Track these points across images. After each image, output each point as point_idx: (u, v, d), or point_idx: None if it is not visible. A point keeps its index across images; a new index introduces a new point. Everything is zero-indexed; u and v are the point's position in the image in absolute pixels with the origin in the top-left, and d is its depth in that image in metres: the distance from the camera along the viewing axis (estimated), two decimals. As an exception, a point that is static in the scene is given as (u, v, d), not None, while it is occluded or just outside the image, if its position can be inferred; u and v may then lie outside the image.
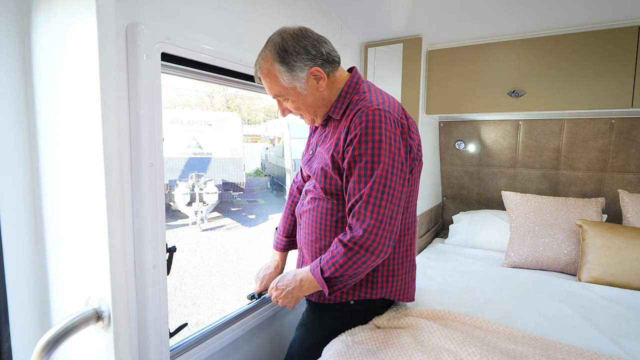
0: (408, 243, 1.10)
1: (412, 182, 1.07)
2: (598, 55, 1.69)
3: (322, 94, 1.02)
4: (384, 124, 0.92)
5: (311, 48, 0.97)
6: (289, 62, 0.96)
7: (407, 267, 1.11)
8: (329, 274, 0.95)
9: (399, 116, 0.98)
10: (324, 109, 1.06)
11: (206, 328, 1.28)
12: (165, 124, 8.59)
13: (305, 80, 0.98)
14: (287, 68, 0.97)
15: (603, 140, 2.05)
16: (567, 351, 0.99)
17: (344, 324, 1.10)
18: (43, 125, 0.77)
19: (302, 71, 0.97)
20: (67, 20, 0.66)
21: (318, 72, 0.98)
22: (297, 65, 0.96)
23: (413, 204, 1.11)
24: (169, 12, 1.02)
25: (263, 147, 15.26)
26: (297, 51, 0.96)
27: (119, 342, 0.65)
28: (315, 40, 0.99)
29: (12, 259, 0.80)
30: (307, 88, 1.00)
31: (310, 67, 0.97)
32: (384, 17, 1.76)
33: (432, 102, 2.10)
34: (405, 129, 0.99)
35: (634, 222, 1.72)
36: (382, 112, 0.93)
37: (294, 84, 0.98)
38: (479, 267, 1.79)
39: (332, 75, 1.03)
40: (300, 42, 0.97)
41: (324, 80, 1.00)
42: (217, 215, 8.93)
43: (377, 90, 1.05)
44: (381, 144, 0.91)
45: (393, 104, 1.00)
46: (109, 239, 0.63)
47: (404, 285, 1.11)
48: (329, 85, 1.02)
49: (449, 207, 2.65)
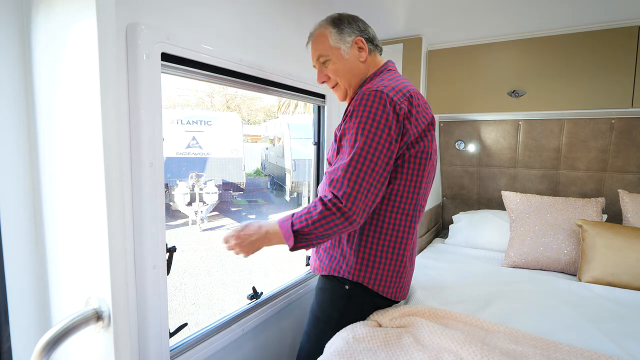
0: (397, 237, 1.07)
1: (410, 173, 1.04)
2: (598, 55, 1.69)
3: (360, 64, 1.14)
4: (376, 103, 0.97)
5: (362, 25, 1.15)
6: (340, 27, 1.12)
7: (394, 262, 1.09)
8: (298, 227, 0.98)
9: (400, 100, 1.00)
10: (357, 80, 1.16)
11: (206, 328, 1.28)
12: (165, 124, 8.58)
13: (350, 45, 1.12)
14: (338, 30, 1.12)
15: (603, 140, 2.05)
16: (567, 351, 0.98)
17: (340, 309, 1.12)
18: (43, 125, 0.77)
19: (349, 36, 1.12)
20: (67, 20, 0.66)
21: (362, 43, 1.13)
22: (347, 31, 1.12)
23: (409, 198, 1.07)
24: (169, 12, 1.02)
25: (263, 147, 15.26)
26: (349, 22, 1.13)
27: (119, 342, 0.65)
28: (366, 24, 1.16)
29: (12, 259, 0.80)
30: (350, 52, 1.13)
31: (357, 36, 1.12)
32: (384, 17, 1.76)
33: (432, 102, 2.10)
34: (404, 113, 1.00)
35: (634, 222, 1.72)
36: (378, 93, 0.98)
37: (339, 44, 1.12)
38: (479, 267, 1.79)
39: (373, 53, 1.17)
40: (354, 18, 1.15)
41: (365, 52, 1.13)
42: (217, 215, 8.93)
43: (393, 78, 1.08)
44: (367, 119, 0.96)
45: (399, 89, 1.02)
46: (109, 239, 0.63)
47: (388, 280, 1.10)
48: (368, 60, 1.15)
49: (449, 207, 2.65)
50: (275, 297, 1.58)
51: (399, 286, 1.13)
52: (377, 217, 1.06)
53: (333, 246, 1.13)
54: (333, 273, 1.12)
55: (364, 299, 1.12)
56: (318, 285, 1.19)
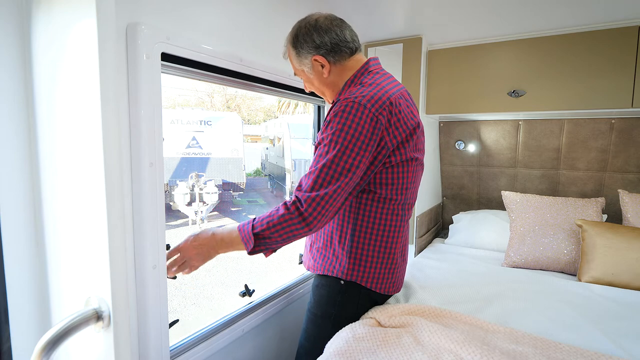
0: (388, 236, 1.10)
1: (397, 177, 1.07)
2: (598, 55, 1.69)
3: (326, 79, 1.13)
4: (352, 115, 0.97)
5: (317, 38, 1.08)
6: (297, 48, 1.11)
7: (386, 260, 1.12)
8: (259, 230, 0.99)
9: (378, 111, 0.99)
10: (330, 92, 1.17)
11: (206, 328, 1.28)
12: (165, 124, 8.58)
13: (310, 65, 1.11)
14: (296, 52, 1.12)
15: (603, 140, 2.05)
16: (567, 351, 0.98)
17: (337, 304, 1.14)
18: (43, 125, 0.77)
19: (306, 57, 1.10)
20: (67, 20, 0.66)
21: (320, 60, 1.09)
22: (303, 52, 1.10)
23: (397, 199, 1.09)
24: (169, 12, 1.02)
25: (263, 147, 15.26)
26: (304, 39, 1.09)
27: (119, 342, 0.65)
28: (324, 31, 1.08)
29: (12, 259, 0.80)
30: (313, 72, 1.13)
31: (313, 55, 1.09)
32: (384, 17, 1.76)
33: (432, 102, 2.10)
34: (380, 125, 0.99)
35: (634, 222, 1.72)
36: (355, 104, 0.98)
37: (302, 67, 1.13)
38: (479, 267, 1.79)
39: (339, 63, 1.11)
40: (309, 32, 1.08)
41: (326, 68, 1.11)
42: (217, 215, 8.93)
43: (374, 84, 1.05)
44: (342, 131, 0.96)
45: (378, 97, 1.00)
46: (109, 239, 0.63)
47: (381, 277, 1.13)
48: (335, 72, 1.12)
49: (449, 207, 2.65)
50: (275, 297, 1.58)
51: (392, 282, 1.16)
52: (366, 219, 1.09)
53: (325, 247, 1.15)
54: (327, 273, 1.14)
55: (359, 292, 1.14)
56: (314, 283, 1.21)
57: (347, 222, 1.10)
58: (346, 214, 1.10)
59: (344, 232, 1.11)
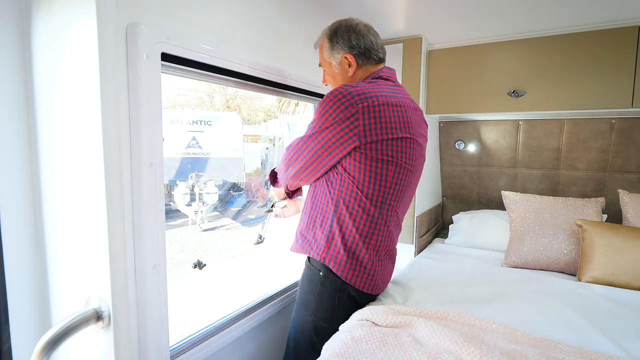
0: (363, 228, 1.12)
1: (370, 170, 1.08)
2: (598, 55, 1.69)
3: (348, 77, 1.22)
4: (331, 101, 1.06)
5: (354, 39, 1.17)
6: (333, 42, 1.19)
7: (367, 256, 1.14)
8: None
9: (361, 98, 1.04)
10: None
11: (206, 328, 1.28)
12: (165, 124, 8.58)
13: (339, 61, 1.20)
14: (331, 45, 1.20)
15: (603, 140, 2.05)
16: (567, 351, 0.98)
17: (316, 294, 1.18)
18: (43, 125, 0.77)
19: (339, 52, 1.19)
20: (67, 20, 0.66)
21: (350, 59, 1.18)
22: (338, 47, 1.19)
23: (374, 193, 1.11)
24: (169, 12, 1.02)
25: (263, 147, 15.25)
26: (342, 37, 1.18)
27: (119, 342, 0.66)
28: (361, 36, 1.18)
29: (12, 259, 0.80)
30: (339, 67, 1.21)
31: (346, 52, 1.18)
32: (384, 17, 1.76)
33: (432, 102, 2.10)
34: (358, 110, 1.03)
35: (634, 222, 1.72)
36: (338, 90, 1.06)
37: (330, 60, 1.22)
38: (479, 267, 1.79)
39: (364, 66, 1.21)
40: (348, 31, 1.18)
41: (352, 67, 1.19)
42: (217, 215, 8.93)
43: (372, 84, 1.12)
44: (322, 116, 1.07)
45: (365, 91, 1.06)
46: (109, 239, 0.63)
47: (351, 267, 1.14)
48: (358, 72, 1.21)
49: (449, 207, 2.65)
50: (275, 297, 1.59)
51: (367, 279, 1.17)
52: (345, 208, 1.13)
53: (308, 229, 1.22)
54: (307, 253, 1.21)
55: (336, 285, 1.16)
56: (301, 275, 1.27)
57: (328, 208, 1.15)
58: (328, 200, 1.15)
59: (325, 217, 1.17)
